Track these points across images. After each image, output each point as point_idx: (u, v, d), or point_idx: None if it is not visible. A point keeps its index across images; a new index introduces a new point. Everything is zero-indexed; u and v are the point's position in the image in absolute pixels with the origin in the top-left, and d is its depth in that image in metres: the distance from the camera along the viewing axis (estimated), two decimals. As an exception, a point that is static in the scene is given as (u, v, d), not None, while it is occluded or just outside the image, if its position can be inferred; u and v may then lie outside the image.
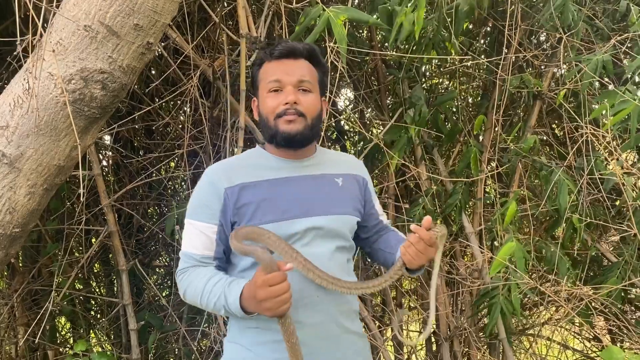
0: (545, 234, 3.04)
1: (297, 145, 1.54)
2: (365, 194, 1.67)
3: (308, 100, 1.52)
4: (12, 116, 1.68)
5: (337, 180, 1.60)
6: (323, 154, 1.66)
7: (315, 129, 1.56)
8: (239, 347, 1.52)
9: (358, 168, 1.69)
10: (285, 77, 1.51)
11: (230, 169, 1.54)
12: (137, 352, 2.66)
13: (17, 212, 1.75)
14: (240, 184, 1.50)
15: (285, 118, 1.49)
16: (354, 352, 1.55)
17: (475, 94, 3.33)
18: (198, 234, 1.51)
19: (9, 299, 2.83)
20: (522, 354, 3.35)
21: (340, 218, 1.55)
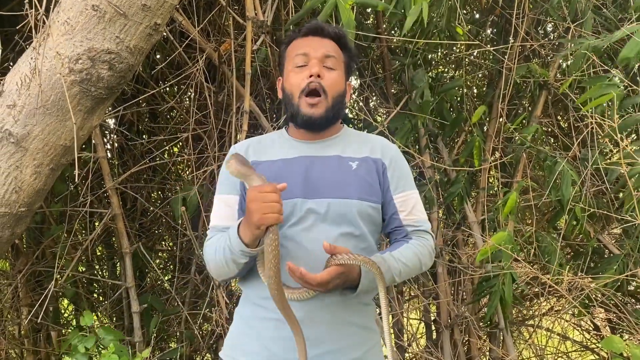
0: (547, 225, 3.05)
1: (317, 128, 1.55)
2: (384, 180, 1.56)
3: (332, 77, 1.51)
4: (19, 95, 1.68)
5: (352, 163, 1.54)
6: (348, 135, 1.61)
7: (336, 108, 1.53)
8: (240, 317, 1.56)
9: (382, 151, 1.59)
10: (311, 50, 1.52)
11: (250, 146, 1.59)
12: (139, 335, 2.68)
13: (23, 192, 1.76)
14: (254, 161, 1.54)
15: (308, 100, 1.49)
16: (356, 344, 1.49)
17: (481, 83, 3.33)
18: (222, 207, 1.54)
19: (12, 280, 2.84)
20: (522, 344, 3.37)
21: (345, 202, 1.47)
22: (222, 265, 1.44)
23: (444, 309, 2.81)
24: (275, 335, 1.44)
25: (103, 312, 3.24)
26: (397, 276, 1.46)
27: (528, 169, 2.78)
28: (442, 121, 2.76)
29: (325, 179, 1.50)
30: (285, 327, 1.41)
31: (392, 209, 1.56)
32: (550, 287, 2.58)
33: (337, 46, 1.56)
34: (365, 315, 1.54)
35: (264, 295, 1.45)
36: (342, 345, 1.46)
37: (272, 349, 1.44)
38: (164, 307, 2.92)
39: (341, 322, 1.47)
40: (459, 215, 2.92)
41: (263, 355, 1.45)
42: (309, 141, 1.57)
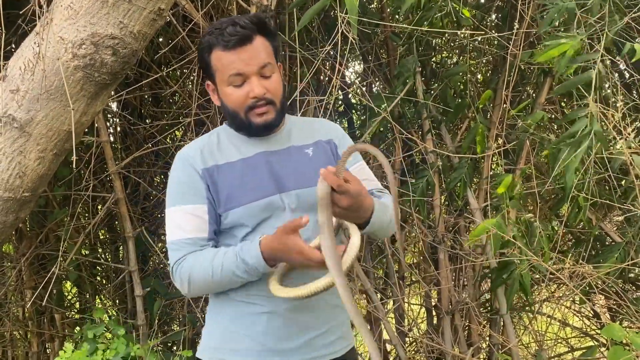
0: (549, 212, 3.05)
1: (268, 132, 1.53)
2: (336, 158, 1.60)
3: (273, 84, 1.46)
4: (22, 80, 1.68)
5: (307, 150, 1.56)
6: (292, 125, 1.61)
7: (284, 106, 1.53)
8: (221, 318, 1.53)
9: (329, 132, 1.63)
10: (246, 68, 1.42)
11: (202, 150, 1.51)
12: (142, 318, 2.70)
13: (27, 177, 1.76)
14: (214, 165, 1.48)
15: (257, 112, 1.45)
16: (339, 323, 1.57)
17: (485, 70, 3.31)
18: (188, 219, 1.45)
19: (16, 263, 2.86)
20: (522, 330, 3.39)
21: (312, 190, 1.43)
22: (219, 284, 1.41)
23: (445, 295, 2.83)
24: (267, 328, 1.46)
25: (106, 296, 3.27)
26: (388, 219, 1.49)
27: (531, 156, 2.78)
28: (445, 108, 2.75)
29: (287, 171, 1.50)
30: (276, 319, 1.45)
31: None
32: (551, 274, 2.59)
33: (263, 39, 1.46)
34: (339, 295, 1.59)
35: (251, 292, 1.46)
36: (329, 327, 1.53)
37: (264, 342, 1.46)
38: (167, 290, 2.94)
39: (328, 305, 1.53)
40: (461, 201, 2.92)
41: (255, 349, 1.46)
42: (262, 138, 1.54)
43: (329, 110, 2.35)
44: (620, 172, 2.73)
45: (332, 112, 2.50)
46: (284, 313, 1.46)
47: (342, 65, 2.28)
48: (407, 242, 3.30)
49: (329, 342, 1.52)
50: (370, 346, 1.22)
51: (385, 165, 1.26)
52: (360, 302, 3.48)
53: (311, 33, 2.69)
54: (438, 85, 2.82)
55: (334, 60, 2.58)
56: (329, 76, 2.64)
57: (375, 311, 2.75)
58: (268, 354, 1.46)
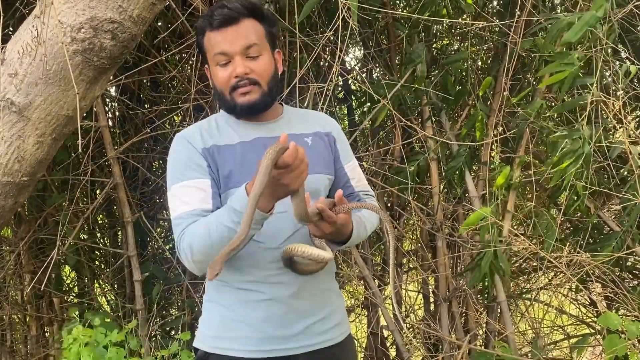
0: (548, 200, 3.06)
1: (257, 113, 1.51)
2: (335, 152, 1.62)
3: (259, 65, 1.45)
4: (20, 64, 1.67)
5: (306, 139, 1.56)
6: (291, 113, 1.62)
7: (273, 90, 1.51)
8: (219, 306, 1.52)
9: (327, 125, 1.64)
10: (230, 47, 1.43)
11: (201, 131, 1.51)
12: (141, 303, 2.71)
13: (26, 161, 1.76)
14: (213, 145, 1.48)
15: (240, 91, 1.45)
16: (336, 309, 1.58)
17: (485, 57, 3.29)
18: (191, 192, 1.43)
19: (15, 247, 2.86)
20: (519, 317, 3.41)
21: (313, 177, 1.47)
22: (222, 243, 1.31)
23: (442, 281, 2.84)
24: (267, 315, 1.45)
25: (105, 280, 3.28)
26: (367, 233, 1.58)
27: (530, 144, 2.77)
28: (445, 95, 2.74)
29: None
30: (276, 306, 1.45)
31: (344, 178, 1.63)
32: (549, 262, 2.60)
33: (254, 22, 1.46)
34: (335, 281, 1.63)
35: (249, 279, 1.46)
36: (327, 313, 1.54)
37: (264, 329, 1.45)
38: (166, 275, 2.95)
39: (325, 291, 1.55)
40: (459, 189, 2.92)
41: (254, 337, 1.46)
42: (258, 123, 1.53)
43: (328, 96, 2.34)
44: (619, 161, 2.73)
45: (331, 99, 2.49)
46: (285, 300, 1.46)
47: (342, 52, 2.26)
48: (406, 230, 3.30)
49: (327, 329, 1.53)
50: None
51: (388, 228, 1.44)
52: (358, 288, 3.50)
53: (311, 18, 2.68)
54: (439, 72, 2.81)
55: (334, 46, 2.56)
56: (329, 62, 2.63)
57: (373, 297, 2.76)
58: (268, 341, 1.46)
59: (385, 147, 3.03)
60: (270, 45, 1.50)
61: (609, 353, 2.03)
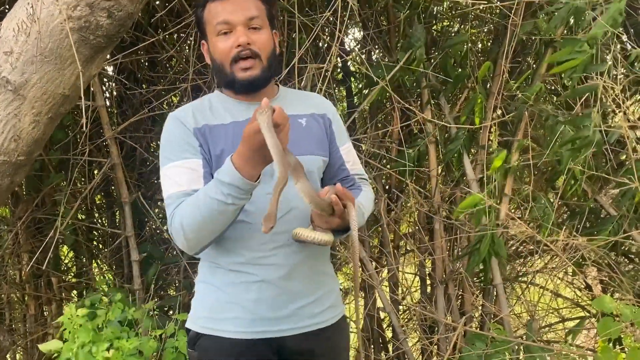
0: (545, 184, 3.06)
1: (256, 89, 1.51)
2: (330, 134, 1.62)
3: (261, 38, 1.46)
4: (16, 42, 1.65)
5: (301, 120, 1.55)
6: (286, 94, 1.62)
7: (272, 67, 1.51)
8: (211, 287, 1.52)
9: (323, 107, 1.64)
10: (232, 16, 1.43)
11: (194, 111, 1.51)
12: (138, 283, 2.73)
13: (22, 140, 1.75)
14: (205, 125, 1.48)
15: (241, 65, 1.44)
16: (329, 291, 1.58)
17: (486, 39, 3.27)
18: (182, 172, 1.44)
19: (13, 226, 2.87)
20: (514, 300, 3.43)
21: (306, 159, 1.48)
22: (212, 218, 1.34)
23: (439, 264, 2.85)
24: (259, 296, 1.46)
25: (102, 260, 3.29)
26: (364, 220, 1.59)
27: (529, 127, 2.77)
28: (445, 77, 2.72)
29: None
30: (268, 287, 1.46)
31: (339, 160, 1.63)
32: (545, 246, 2.61)
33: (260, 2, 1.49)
34: (329, 264, 1.64)
35: (240, 260, 1.47)
36: (319, 295, 1.54)
37: (255, 310, 1.46)
38: (163, 256, 2.95)
39: (317, 273, 1.55)
40: (457, 172, 2.92)
41: (247, 318, 1.47)
42: (252, 102, 1.51)
43: (327, 78, 2.32)
44: (617, 145, 2.73)
45: (330, 80, 2.48)
46: (276, 281, 1.46)
47: (342, 32, 2.25)
48: (403, 212, 3.31)
49: (320, 311, 1.53)
50: None
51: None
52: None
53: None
54: (438, 54, 2.79)
55: (333, 27, 2.54)
56: (328, 43, 2.61)
57: (370, 279, 2.77)
58: (259, 322, 1.47)
59: (384, 130, 3.02)
60: (269, 24, 1.51)
61: (603, 336, 2.04)
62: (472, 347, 2.27)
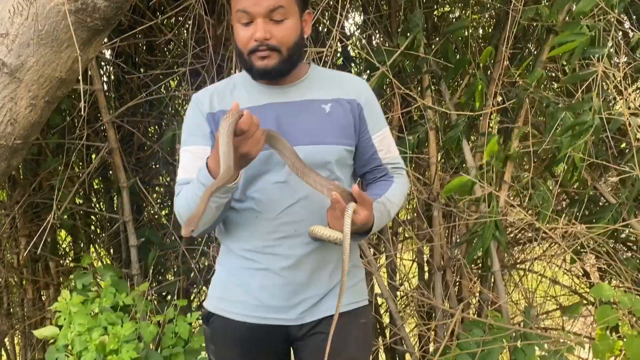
0: (544, 171, 3.05)
1: (274, 78, 1.46)
2: (360, 122, 1.52)
3: (281, 31, 1.38)
4: (11, 24, 1.63)
5: (324, 106, 1.48)
6: (316, 75, 1.53)
7: (294, 57, 1.44)
8: (224, 269, 1.55)
9: (355, 91, 1.52)
10: (253, 7, 1.35)
11: (213, 94, 1.49)
12: (136, 268, 2.72)
13: (19, 124, 1.73)
14: (220, 111, 1.46)
15: (258, 55, 1.39)
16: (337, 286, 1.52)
17: (487, 24, 3.24)
18: (192, 159, 1.45)
19: (10, 210, 2.85)
20: (512, 286, 3.44)
21: (322, 148, 1.44)
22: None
23: (437, 251, 2.85)
24: (263, 284, 1.47)
25: (100, 245, 3.28)
26: (390, 218, 1.52)
27: (530, 114, 2.75)
28: (446, 63, 2.70)
29: (298, 125, 1.44)
30: (271, 276, 1.46)
31: (371, 149, 1.54)
32: (544, 233, 2.61)
33: None
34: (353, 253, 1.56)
35: (247, 247, 1.48)
36: (325, 290, 1.50)
37: (259, 297, 1.47)
38: (162, 241, 2.95)
39: (325, 265, 1.50)
40: (457, 159, 2.91)
41: (250, 303, 1.48)
42: (276, 86, 1.48)
43: (327, 63, 2.30)
44: (618, 133, 2.72)
45: (330, 65, 2.45)
46: (280, 271, 1.46)
47: (343, 16, 2.22)
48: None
49: (330, 306, 1.49)
50: None
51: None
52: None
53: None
54: (439, 39, 2.76)
55: (333, 11, 2.51)
56: (328, 27, 2.58)
57: (367, 265, 2.77)
58: (263, 309, 1.48)
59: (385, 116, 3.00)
60: (299, 7, 1.42)
61: (601, 323, 2.05)
62: (469, 334, 2.27)
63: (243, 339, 1.51)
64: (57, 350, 2.03)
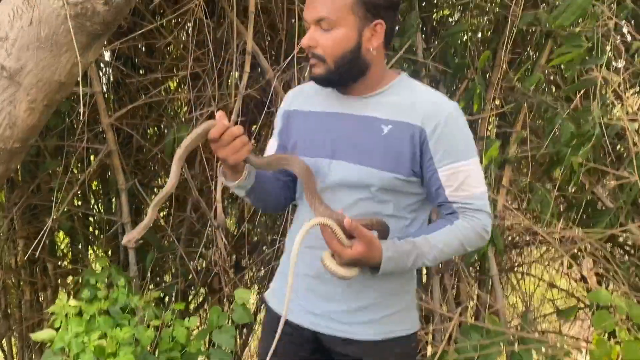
0: (542, 174, 3.05)
1: (328, 87, 1.45)
2: (422, 151, 1.37)
3: (327, 41, 1.34)
4: (11, 27, 1.63)
5: (384, 127, 1.38)
6: (395, 90, 1.43)
7: (342, 69, 1.37)
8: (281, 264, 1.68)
9: (425, 116, 1.37)
10: (306, 14, 1.36)
11: (299, 92, 1.57)
12: (134, 270, 2.72)
13: (17, 127, 1.73)
14: (295, 110, 1.53)
15: (310, 62, 1.40)
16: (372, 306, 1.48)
17: (486, 30, 3.24)
18: (267, 150, 1.60)
19: (8, 212, 2.85)
20: (510, 290, 3.44)
21: (366, 171, 1.38)
22: None
23: (435, 254, 2.85)
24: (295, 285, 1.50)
25: (99, 247, 3.28)
26: (429, 261, 1.39)
27: (528, 119, 2.75)
28: (444, 67, 2.71)
29: (351, 141, 1.41)
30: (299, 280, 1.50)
31: (436, 183, 1.39)
32: (542, 237, 2.61)
33: None
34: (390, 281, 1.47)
35: (289, 248, 1.59)
36: (356, 307, 1.47)
37: (293, 296, 1.52)
38: (160, 243, 2.94)
39: (360, 284, 1.46)
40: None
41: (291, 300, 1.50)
42: (350, 96, 1.45)
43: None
44: (615, 137, 2.72)
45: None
46: (304, 278, 1.50)
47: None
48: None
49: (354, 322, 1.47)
50: None
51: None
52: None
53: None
54: (438, 43, 2.77)
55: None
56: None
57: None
58: (297, 308, 1.53)
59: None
60: (359, 17, 1.34)
61: (598, 328, 2.05)
62: (467, 338, 2.27)
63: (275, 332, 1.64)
64: (53, 353, 2.03)
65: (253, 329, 3.56)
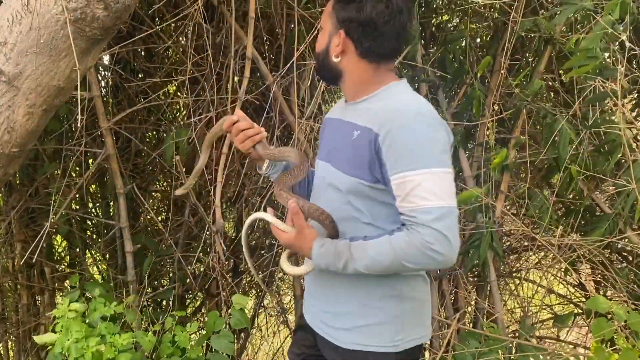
0: (541, 181, 3.05)
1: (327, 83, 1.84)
2: (379, 158, 1.34)
3: (318, 40, 1.54)
4: (10, 32, 1.62)
5: (355, 132, 1.41)
6: (377, 98, 1.44)
7: (322, 65, 1.52)
8: None
9: (382, 122, 1.34)
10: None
11: (337, 102, 1.69)
12: (132, 274, 2.71)
13: (16, 132, 1.73)
14: (328, 118, 1.65)
15: None
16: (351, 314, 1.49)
17: (485, 35, 3.25)
18: None
19: (6, 216, 2.84)
20: (507, 296, 3.44)
21: (336, 172, 1.45)
22: None
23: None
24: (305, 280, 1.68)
25: (96, 251, 3.27)
26: (362, 268, 1.34)
27: (527, 125, 2.76)
28: (443, 73, 2.71)
29: (333, 144, 1.55)
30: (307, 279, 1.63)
31: (393, 192, 1.34)
32: (540, 243, 2.62)
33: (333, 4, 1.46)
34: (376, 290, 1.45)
35: None
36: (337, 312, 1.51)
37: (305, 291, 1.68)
38: (158, 247, 2.94)
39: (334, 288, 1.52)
40: (454, 169, 2.90)
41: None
42: (348, 102, 1.55)
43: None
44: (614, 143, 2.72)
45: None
46: (307, 277, 1.61)
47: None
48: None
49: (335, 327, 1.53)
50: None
51: None
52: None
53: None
54: (437, 49, 2.77)
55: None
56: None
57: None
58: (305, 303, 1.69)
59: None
60: (332, 24, 1.46)
61: (597, 336, 2.05)
62: (465, 346, 2.27)
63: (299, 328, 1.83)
64: (54, 357, 2.02)
65: (250, 333, 3.55)
